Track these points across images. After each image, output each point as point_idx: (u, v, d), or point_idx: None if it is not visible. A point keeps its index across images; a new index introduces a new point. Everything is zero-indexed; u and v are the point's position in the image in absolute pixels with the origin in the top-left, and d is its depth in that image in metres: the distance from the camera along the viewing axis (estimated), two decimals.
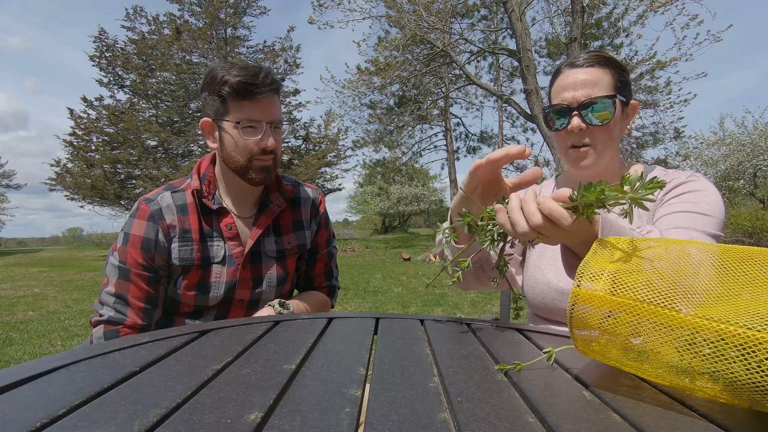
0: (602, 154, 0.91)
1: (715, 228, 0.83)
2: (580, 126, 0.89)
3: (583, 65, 0.91)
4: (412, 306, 4.82)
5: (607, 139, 0.90)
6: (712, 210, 0.84)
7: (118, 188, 12.88)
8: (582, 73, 0.90)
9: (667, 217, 0.86)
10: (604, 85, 0.89)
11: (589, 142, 0.90)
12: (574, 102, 0.89)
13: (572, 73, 0.91)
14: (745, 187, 11.77)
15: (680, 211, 0.85)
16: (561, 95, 0.92)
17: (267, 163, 0.98)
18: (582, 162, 0.92)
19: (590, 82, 0.89)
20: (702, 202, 0.85)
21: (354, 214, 30.88)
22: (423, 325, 0.72)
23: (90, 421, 0.34)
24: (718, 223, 0.83)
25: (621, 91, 0.90)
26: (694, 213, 0.84)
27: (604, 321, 0.45)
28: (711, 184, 0.89)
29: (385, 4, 10.16)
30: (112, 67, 13.85)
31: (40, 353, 3.19)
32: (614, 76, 0.90)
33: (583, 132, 0.90)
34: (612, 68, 0.91)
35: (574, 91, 0.90)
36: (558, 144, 0.98)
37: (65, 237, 50.67)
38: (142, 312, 0.94)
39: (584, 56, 0.92)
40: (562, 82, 0.93)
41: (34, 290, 6.40)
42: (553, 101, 0.95)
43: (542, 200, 0.56)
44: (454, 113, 20.80)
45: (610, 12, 12.65)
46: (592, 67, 0.90)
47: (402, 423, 0.36)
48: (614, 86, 0.90)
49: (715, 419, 0.39)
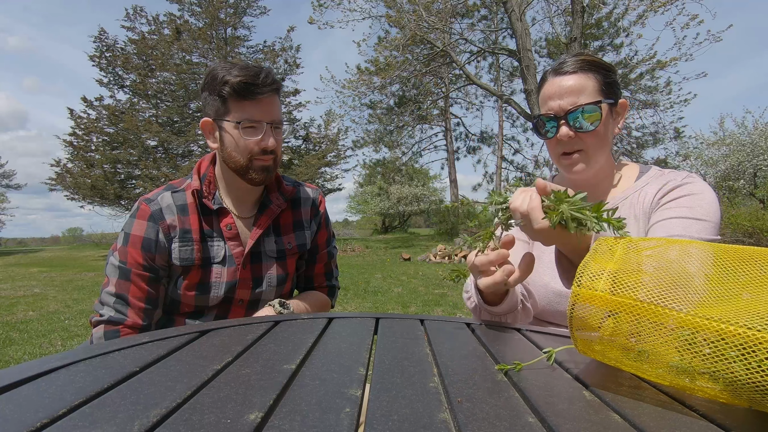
0: (594, 158, 0.92)
1: (710, 233, 0.82)
2: (568, 134, 0.90)
3: (567, 72, 0.91)
4: (412, 306, 4.82)
5: (597, 143, 0.91)
6: (707, 214, 0.84)
7: (118, 188, 12.87)
8: (566, 80, 0.90)
9: (662, 223, 0.86)
10: (590, 90, 0.89)
11: (580, 147, 0.91)
12: (561, 111, 0.90)
13: (557, 80, 0.91)
14: (745, 187, 11.77)
15: (675, 216, 0.85)
16: (547, 104, 0.92)
17: (267, 163, 0.98)
18: (575, 168, 0.93)
19: (575, 89, 0.89)
20: (697, 206, 0.85)
21: (354, 214, 30.90)
22: (423, 325, 0.72)
23: (90, 421, 0.34)
24: (713, 227, 0.83)
25: (607, 94, 0.91)
26: (690, 219, 0.83)
27: (604, 321, 0.45)
28: (707, 185, 0.88)
29: (385, 4, 10.16)
30: (112, 67, 13.86)
31: (40, 353, 3.19)
32: (599, 80, 0.90)
33: (573, 139, 0.90)
34: (596, 72, 0.91)
35: (560, 100, 0.90)
36: (550, 151, 0.99)
37: (65, 237, 50.66)
38: (142, 312, 0.94)
39: (569, 62, 0.92)
40: (547, 91, 0.93)
41: (34, 290, 6.40)
42: (540, 109, 0.96)
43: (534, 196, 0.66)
44: (454, 113, 20.83)
45: (610, 12, 12.66)
46: (576, 74, 0.90)
47: (402, 423, 0.36)
48: (600, 90, 0.90)
49: (715, 419, 0.39)
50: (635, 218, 0.92)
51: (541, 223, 0.64)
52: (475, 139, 21.24)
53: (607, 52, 14.78)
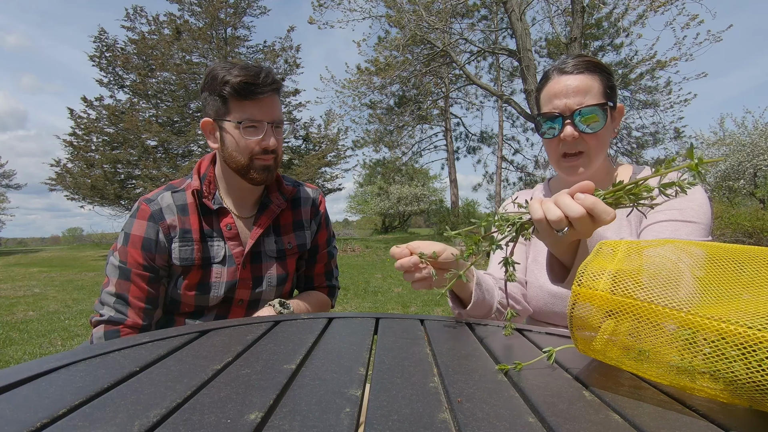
0: (594, 161, 0.91)
1: (701, 235, 0.81)
2: (573, 134, 0.88)
3: (572, 72, 0.90)
4: (412, 306, 4.82)
5: (598, 146, 0.90)
6: (697, 216, 0.83)
7: (118, 188, 12.87)
8: (573, 79, 0.89)
9: (652, 227, 0.85)
10: (595, 92, 0.88)
11: (582, 149, 0.90)
12: (567, 110, 0.88)
13: (563, 79, 0.90)
14: (745, 187, 11.77)
15: (665, 220, 0.84)
16: (552, 103, 0.90)
17: (268, 162, 0.99)
18: (578, 171, 0.92)
19: (582, 89, 0.88)
20: (688, 208, 0.84)
21: (354, 214, 30.92)
22: (423, 325, 0.72)
23: (90, 421, 0.34)
24: (704, 229, 0.82)
25: (610, 97, 0.90)
26: (679, 221, 0.83)
27: (605, 320, 0.45)
28: (698, 186, 0.87)
29: (385, 4, 10.17)
30: (112, 67, 13.86)
31: (40, 353, 3.19)
32: (603, 82, 0.90)
33: (576, 140, 0.89)
34: (601, 74, 0.90)
35: (566, 99, 0.88)
36: (549, 151, 0.97)
37: (65, 237, 50.70)
38: (142, 312, 0.94)
39: (573, 62, 0.91)
40: (552, 89, 0.91)
41: (34, 290, 6.40)
42: (543, 108, 0.94)
43: (583, 196, 0.60)
44: (454, 113, 20.84)
45: (610, 12, 12.65)
46: (582, 74, 0.89)
47: (402, 423, 0.36)
48: (604, 93, 0.89)
49: (715, 419, 0.39)
50: (628, 220, 0.92)
51: (612, 213, 0.59)
52: (475, 139, 21.27)
53: (607, 52, 14.79)
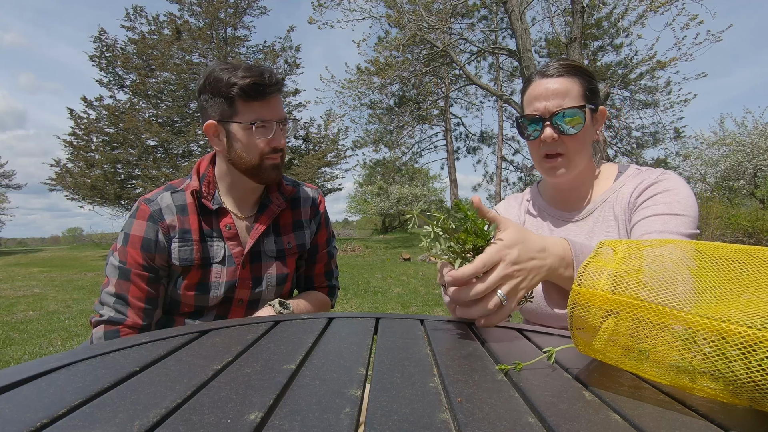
0: (575, 162, 0.93)
1: (689, 227, 0.83)
2: (552, 136, 0.91)
3: (553, 75, 0.92)
4: (412, 306, 4.82)
5: (578, 147, 0.92)
6: (684, 209, 0.84)
7: (118, 188, 12.88)
8: (552, 82, 0.92)
9: (641, 222, 0.87)
10: (575, 95, 0.91)
11: (562, 150, 0.92)
12: (546, 112, 0.91)
13: (543, 82, 0.93)
14: (745, 187, 11.78)
15: (653, 214, 0.86)
16: (533, 105, 0.93)
17: (277, 161, 1.00)
18: (557, 172, 0.94)
19: (561, 92, 0.90)
20: (674, 201, 0.85)
21: (354, 214, 30.92)
22: (423, 325, 0.72)
23: (90, 421, 0.34)
24: (692, 221, 0.84)
25: (590, 100, 0.92)
26: (667, 215, 0.84)
27: (605, 320, 0.45)
28: (682, 180, 0.90)
29: (385, 4, 10.17)
30: (112, 67, 13.86)
31: (40, 353, 3.19)
32: (583, 85, 0.92)
33: (556, 141, 0.92)
34: (581, 77, 0.93)
35: (545, 101, 0.91)
36: (532, 152, 1.00)
37: (65, 237, 50.72)
38: (142, 312, 0.94)
39: (555, 65, 0.94)
40: (533, 92, 0.94)
41: (34, 290, 6.40)
42: (525, 110, 0.97)
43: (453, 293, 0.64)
44: (454, 113, 20.85)
45: (610, 12, 12.66)
46: (562, 77, 0.92)
47: (402, 423, 0.36)
48: (584, 95, 0.91)
49: (715, 419, 0.39)
50: (615, 219, 0.94)
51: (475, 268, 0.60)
52: (475, 139, 21.28)
53: (607, 52, 14.80)
